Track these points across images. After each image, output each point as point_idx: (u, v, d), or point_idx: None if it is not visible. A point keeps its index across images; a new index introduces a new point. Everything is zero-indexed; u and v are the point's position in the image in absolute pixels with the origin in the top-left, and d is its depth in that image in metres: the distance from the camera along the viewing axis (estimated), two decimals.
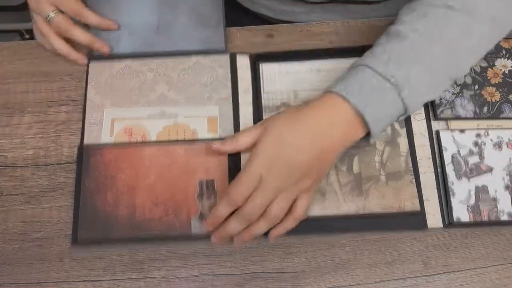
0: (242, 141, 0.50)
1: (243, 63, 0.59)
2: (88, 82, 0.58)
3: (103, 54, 0.59)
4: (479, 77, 0.58)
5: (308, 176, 0.47)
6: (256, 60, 0.59)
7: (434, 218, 0.53)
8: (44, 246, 0.52)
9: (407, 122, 0.56)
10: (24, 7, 1.20)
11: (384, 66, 0.47)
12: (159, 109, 0.57)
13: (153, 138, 0.55)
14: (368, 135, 0.49)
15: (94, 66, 0.59)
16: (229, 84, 0.58)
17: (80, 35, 0.57)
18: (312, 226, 0.51)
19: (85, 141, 0.55)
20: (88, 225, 0.52)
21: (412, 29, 0.48)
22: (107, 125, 0.56)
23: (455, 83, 0.57)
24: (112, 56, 0.60)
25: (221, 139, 0.53)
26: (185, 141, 0.55)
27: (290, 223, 0.49)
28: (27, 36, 1.27)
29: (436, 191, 0.53)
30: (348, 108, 0.47)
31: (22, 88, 0.59)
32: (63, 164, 0.55)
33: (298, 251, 0.52)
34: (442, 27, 0.48)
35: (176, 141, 0.55)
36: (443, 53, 0.48)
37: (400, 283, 0.50)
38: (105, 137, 0.55)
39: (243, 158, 0.53)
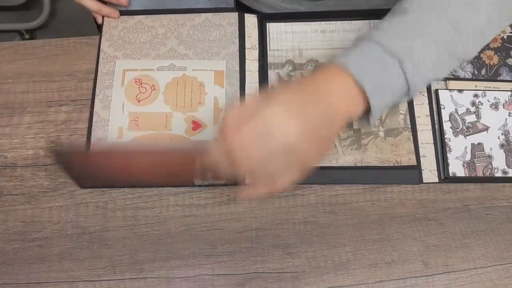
0: None
1: (251, 22, 0.62)
2: (102, 35, 0.61)
3: (121, 5, 0.62)
4: None
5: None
6: (263, 19, 0.62)
7: (430, 173, 0.54)
8: (44, 246, 0.52)
9: None
10: (24, 7, 1.20)
11: (388, 39, 0.47)
12: (169, 62, 0.60)
13: (162, 88, 0.58)
14: (369, 113, 0.48)
15: (109, 21, 0.62)
16: (236, 41, 0.61)
17: None
18: (311, 176, 0.51)
19: (97, 89, 0.58)
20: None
21: (418, 4, 0.49)
22: (118, 75, 0.59)
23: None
24: (125, 13, 0.63)
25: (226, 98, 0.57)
26: (177, 144, 0.54)
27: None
28: (27, 36, 1.27)
29: (433, 148, 0.55)
30: (348, 77, 0.46)
31: (22, 88, 0.59)
32: None
33: (298, 251, 0.51)
34: (449, 2, 0.48)
35: (169, 142, 0.55)
36: (449, 28, 0.48)
37: (400, 283, 0.50)
38: (116, 87, 0.58)
39: None
